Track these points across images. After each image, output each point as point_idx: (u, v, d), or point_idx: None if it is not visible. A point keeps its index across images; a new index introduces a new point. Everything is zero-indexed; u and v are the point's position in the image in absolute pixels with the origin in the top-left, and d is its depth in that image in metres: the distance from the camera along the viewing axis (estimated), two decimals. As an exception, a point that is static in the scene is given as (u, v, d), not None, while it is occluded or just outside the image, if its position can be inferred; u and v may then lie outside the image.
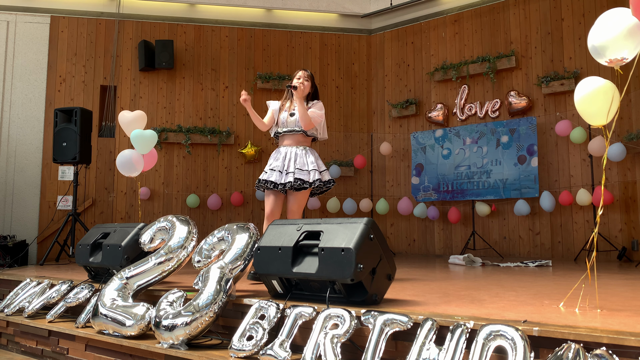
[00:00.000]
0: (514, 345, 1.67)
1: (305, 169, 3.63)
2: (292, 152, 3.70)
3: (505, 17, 7.00)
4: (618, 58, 2.18)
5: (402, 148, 7.64)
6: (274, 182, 3.61)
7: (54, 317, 3.15)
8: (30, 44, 7.05)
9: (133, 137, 4.91)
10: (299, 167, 3.63)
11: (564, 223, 6.32)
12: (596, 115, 2.40)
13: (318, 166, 3.69)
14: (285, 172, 3.63)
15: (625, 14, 2.17)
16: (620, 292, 2.91)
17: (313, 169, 3.64)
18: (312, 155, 3.72)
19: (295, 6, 7.77)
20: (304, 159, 3.67)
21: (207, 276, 2.56)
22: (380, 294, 2.41)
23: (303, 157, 3.68)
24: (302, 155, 3.69)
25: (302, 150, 3.71)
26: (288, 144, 3.74)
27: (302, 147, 3.73)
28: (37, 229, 6.71)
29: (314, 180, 3.59)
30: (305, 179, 3.59)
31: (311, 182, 3.59)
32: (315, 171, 3.63)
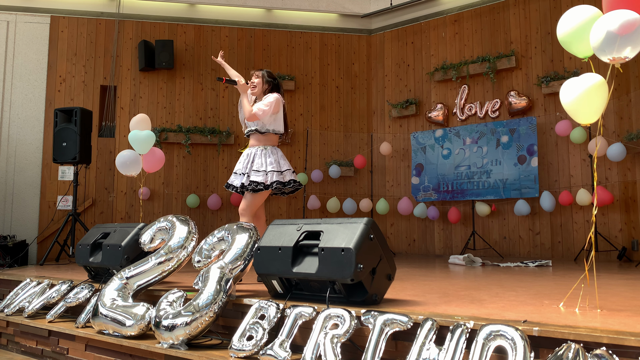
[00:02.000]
0: (514, 345, 1.67)
1: (262, 170, 3.56)
2: (252, 153, 3.65)
3: (505, 17, 7.00)
4: (621, 57, 2.20)
5: (402, 148, 7.64)
6: (235, 186, 3.64)
7: (54, 317, 3.15)
8: (30, 44, 7.05)
9: (131, 138, 4.98)
10: (255, 169, 3.57)
11: (564, 223, 6.32)
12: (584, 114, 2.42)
13: (279, 166, 3.60)
14: (243, 175, 3.61)
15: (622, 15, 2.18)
16: (620, 292, 2.91)
17: (272, 170, 3.55)
18: (273, 156, 3.62)
19: (295, 6, 7.77)
20: (262, 160, 3.59)
21: (207, 276, 2.56)
22: (380, 294, 2.42)
23: (261, 157, 3.60)
24: (260, 155, 3.61)
25: (262, 151, 3.63)
26: (252, 144, 3.71)
27: (262, 147, 3.65)
28: (37, 229, 6.71)
29: (271, 182, 3.52)
30: (260, 180, 3.52)
31: (268, 185, 3.52)
32: (274, 172, 3.55)
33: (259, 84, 3.74)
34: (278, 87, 3.79)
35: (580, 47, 2.46)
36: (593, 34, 2.26)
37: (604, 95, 2.36)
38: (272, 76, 3.80)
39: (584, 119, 2.43)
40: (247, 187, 3.55)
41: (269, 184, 3.52)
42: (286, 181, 3.58)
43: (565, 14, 2.50)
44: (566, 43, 2.50)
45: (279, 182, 3.55)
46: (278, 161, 3.62)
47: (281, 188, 3.59)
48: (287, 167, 3.65)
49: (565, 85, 2.47)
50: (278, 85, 3.80)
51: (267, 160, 3.59)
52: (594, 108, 2.38)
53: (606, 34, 2.18)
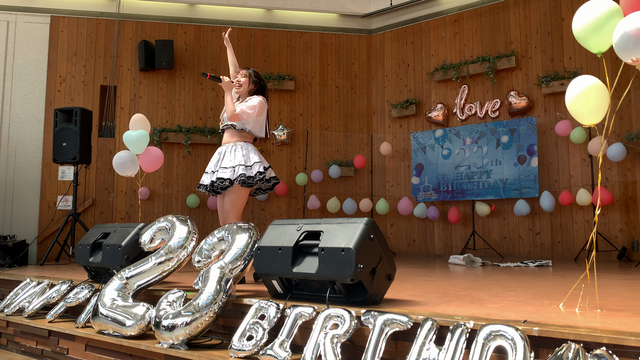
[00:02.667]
0: (514, 345, 1.67)
1: (229, 166, 3.46)
2: (223, 150, 3.58)
3: (505, 17, 7.00)
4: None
5: (402, 148, 7.64)
6: (204, 186, 3.59)
7: (54, 317, 3.15)
8: (30, 44, 7.05)
9: (124, 139, 5.01)
10: (222, 166, 3.49)
11: (564, 223, 6.32)
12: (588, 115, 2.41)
13: (249, 159, 3.49)
14: (212, 173, 3.56)
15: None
16: (620, 292, 2.91)
17: (238, 164, 3.45)
18: (243, 150, 3.51)
19: (295, 6, 7.77)
20: (231, 155, 3.51)
21: (207, 276, 2.56)
22: (380, 294, 2.42)
23: (231, 153, 3.52)
24: (230, 151, 3.54)
25: (232, 146, 3.55)
26: (225, 141, 3.64)
27: (232, 144, 3.57)
28: (37, 229, 6.71)
29: (237, 176, 3.41)
30: (226, 177, 3.43)
31: (233, 180, 3.42)
32: (240, 166, 3.44)
33: (245, 84, 3.68)
34: (264, 88, 3.73)
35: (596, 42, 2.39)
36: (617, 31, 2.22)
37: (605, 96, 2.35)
38: (259, 77, 3.73)
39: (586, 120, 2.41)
40: (214, 184, 3.49)
41: (234, 179, 3.42)
42: (253, 174, 3.43)
43: (581, 7, 2.41)
44: (581, 38, 2.42)
45: (242, 174, 3.41)
46: (248, 155, 3.50)
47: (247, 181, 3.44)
48: (257, 160, 3.51)
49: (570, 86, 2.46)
50: (264, 87, 3.74)
51: (236, 156, 3.49)
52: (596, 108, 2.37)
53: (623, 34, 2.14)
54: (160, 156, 5.21)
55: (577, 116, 2.46)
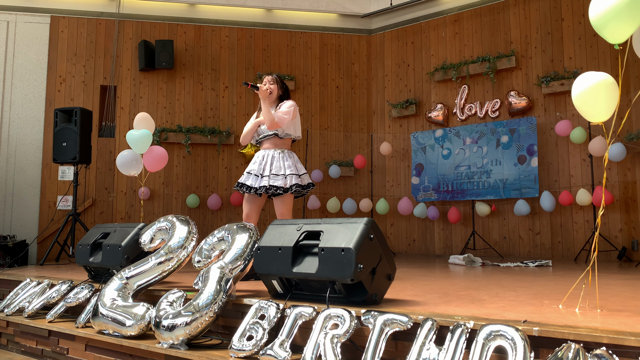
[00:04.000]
0: (514, 345, 1.67)
1: (280, 174, 3.60)
2: (269, 155, 3.69)
3: (505, 17, 7.00)
4: None
5: (402, 148, 7.64)
6: (248, 186, 3.64)
7: (54, 317, 3.15)
8: (30, 44, 7.05)
9: (127, 138, 4.99)
10: (274, 172, 3.60)
11: (564, 223, 6.32)
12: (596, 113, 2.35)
13: (297, 170, 3.67)
14: (260, 176, 3.63)
15: None
16: (620, 292, 2.91)
17: (290, 173, 3.61)
18: (290, 159, 3.69)
19: (295, 6, 7.77)
20: (280, 163, 3.64)
21: (207, 276, 2.56)
22: (380, 294, 2.42)
23: (279, 160, 3.65)
24: (278, 158, 3.66)
25: (280, 154, 3.69)
26: (266, 147, 3.75)
27: (279, 150, 3.70)
28: (37, 229, 6.71)
29: (290, 186, 3.57)
30: (279, 184, 3.56)
31: (287, 188, 3.57)
32: (292, 176, 3.61)
33: (275, 90, 3.79)
34: (289, 92, 3.89)
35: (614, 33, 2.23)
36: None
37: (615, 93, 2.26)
38: (283, 81, 3.88)
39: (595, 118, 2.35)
40: (267, 190, 3.59)
41: (287, 187, 3.57)
42: (305, 184, 3.65)
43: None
44: (599, 27, 2.27)
45: (298, 185, 3.60)
46: (295, 165, 3.68)
47: (300, 191, 3.65)
48: (304, 171, 3.73)
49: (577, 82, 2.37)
50: (288, 90, 3.89)
51: (285, 164, 3.64)
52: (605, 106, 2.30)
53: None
54: (165, 155, 5.22)
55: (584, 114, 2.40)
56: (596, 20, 2.27)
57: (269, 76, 3.85)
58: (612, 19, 2.20)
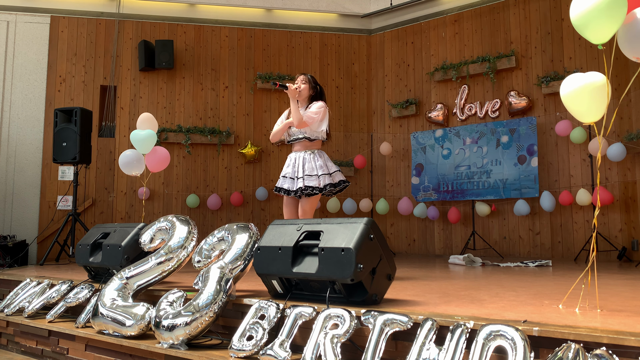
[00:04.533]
0: (514, 345, 1.67)
1: (314, 174, 3.72)
2: (300, 157, 3.81)
3: (505, 17, 7.00)
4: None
5: (402, 148, 7.64)
6: (286, 190, 3.78)
7: (54, 317, 3.15)
8: (30, 44, 7.05)
9: (132, 138, 4.97)
10: (307, 173, 3.72)
11: (564, 223, 6.32)
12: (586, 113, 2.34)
13: (328, 168, 3.77)
14: (296, 179, 3.77)
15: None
16: (620, 292, 2.91)
17: (323, 173, 3.72)
18: (321, 159, 3.79)
19: (295, 6, 7.77)
20: (312, 164, 3.75)
21: (207, 276, 2.56)
22: (380, 294, 2.41)
23: (311, 161, 3.76)
24: (309, 159, 3.77)
25: (310, 155, 3.79)
26: (297, 149, 3.88)
27: (309, 151, 3.81)
28: (37, 229, 6.71)
29: (324, 186, 3.69)
30: (314, 185, 3.68)
31: (321, 188, 3.69)
32: (325, 175, 3.72)
33: (305, 90, 3.85)
34: (322, 93, 3.94)
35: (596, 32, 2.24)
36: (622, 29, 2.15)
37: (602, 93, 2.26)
38: (316, 82, 3.94)
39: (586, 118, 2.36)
40: (303, 192, 3.69)
41: (321, 187, 3.69)
42: (336, 182, 3.74)
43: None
44: (580, 27, 2.28)
45: (330, 184, 3.71)
46: (326, 164, 3.79)
47: (332, 190, 3.75)
48: (335, 169, 3.81)
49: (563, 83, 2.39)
50: (322, 92, 3.95)
51: (317, 164, 3.76)
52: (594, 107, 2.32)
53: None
54: (167, 156, 5.22)
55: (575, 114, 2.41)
56: (577, 21, 2.27)
57: (302, 75, 3.92)
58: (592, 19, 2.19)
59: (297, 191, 3.72)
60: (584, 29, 2.27)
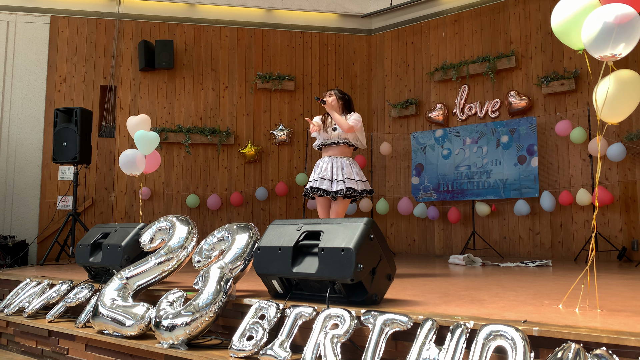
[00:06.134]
0: (514, 345, 1.67)
1: (353, 179, 3.93)
2: (338, 161, 4.00)
3: (505, 17, 7.00)
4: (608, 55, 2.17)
5: (402, 148, 7.64)
6: (325, 190, 3.93)
7: (54, 317, 3.15)
8: (30, 44, 7.05)
9: (137, 137, 4.95)
10: (347, 177, 3.91)
11: (564, 223, 6.32)
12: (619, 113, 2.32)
13: (362, 176, 4.02)
14: (335, 181, 3.92)
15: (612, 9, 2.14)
16: (620, 292, 2.91)
17: (359, 179, 3.96)
18: (356, 167, 4.03)
19: (295, 6, 7.77)
20: (350, 169, 3.97)
21: (207, 276, 2.56)
22: (380, 294, 2.41)
23: (349, 167, 3.98)
24: (347, 165, 3.99)
25: (347, 161, 4.02)
26: (332, 154, 4.05)
27: (346, 158, 4.03)
28: (37, 229, 6.71)
29: (362, 190, 3.93)
30: (355, 187, 3.91)
31: (360, 191, 3.92)
32: (361, 182, 3.96)
33: (334, 100, 4.08)
34: (351, 102, 4.17)
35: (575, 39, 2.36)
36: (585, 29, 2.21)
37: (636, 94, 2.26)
38: (343, 93, 4.17)
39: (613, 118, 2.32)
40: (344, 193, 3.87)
41: (360, 191, 3.93)
42: (369, 189, 4.00)
43: (560, 2, 2.39)
44: (560, 33, 2.41)
45: (365, 190, 3.95)
46: (360, 172, 4.04)
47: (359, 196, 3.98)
48: (366, 178, 4.06)
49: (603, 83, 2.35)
50: (350, 101, 4.18)
51: (354, 170, 3.99)
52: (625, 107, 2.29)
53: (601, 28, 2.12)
54: (159, 158, 5.26)
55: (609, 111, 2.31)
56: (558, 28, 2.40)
57: (330, 91, 4.16)
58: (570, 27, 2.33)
59: (338, 192, 3.88)
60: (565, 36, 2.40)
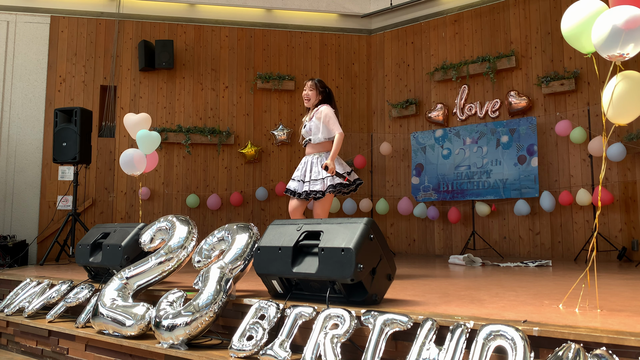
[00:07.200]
0: (514, 345, 1.67)
1: (319, 178, 3.82)
2: (309, 161, 3.94)
3: (505, 17, 7.00)
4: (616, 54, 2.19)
5: (402, 148, 7.64)
6: (292, 191, 3.93)
7: (54, 317, 3.15)
8: (30, 44, 7.05)
9: (139, 137, 4.95)
10: (313, 178, 3.85)
11: (564, 223, 6.32)
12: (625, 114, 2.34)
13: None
14: (302, 182, 3.90)
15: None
16: (620, 292, 2.91)
17: (327, 175, 3.80)
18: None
19: (295, 6, 7.77)
20: (318, 167, 3.86)
21: (207, 276, 2.56)
22: (380, 294, 2.41)
23: (317, 165, 3.87)
24: (316, 163, 3.89)
25: (317, 158, 3.91)
26: (308, 152, 4.00)
27: (317, 154, 3.92)
28: (37, 229, 6.71)
29: (327, 188, 3.78)
30: (318, 189, 3.80)
31: (324, 191, 3.79)
32: (328, 177, 3.80)
33: (313, 96, 3.99)
34: (330, 96, 4.04)
35: (585, 43, 2.41)
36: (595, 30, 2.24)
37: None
38: (324, 85, 4.03)
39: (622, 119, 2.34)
40: (309, 195, 3.83)
41: (325, 190, 3.80)
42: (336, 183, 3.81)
43: (570, 7, 2.46)
44: (570, 38, 2.46)
45: (331, 185, 3.78)
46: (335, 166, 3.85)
47: (341, 189, 3.84)
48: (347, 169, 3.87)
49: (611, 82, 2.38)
50: (330, 94, 4.05)
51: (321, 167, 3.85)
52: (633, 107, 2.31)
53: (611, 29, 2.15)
54: (157, 157, 5.27)
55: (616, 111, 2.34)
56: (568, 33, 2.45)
57: (310, 82, 4.02)
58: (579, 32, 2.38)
59: (302, 194, 3.86)
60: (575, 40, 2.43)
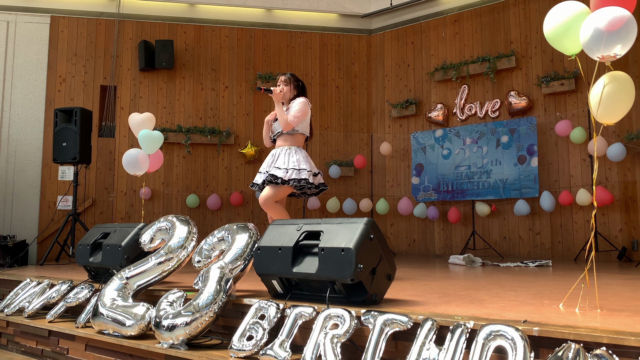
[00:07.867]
0: (514, 345, 1.67)
1: (282, 167, 3.67)
2: (277, 152, 3.80)
3: (505, 17, 7.00)
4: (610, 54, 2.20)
5: (402, 148, 7.64)
6: (256, 184, 3.80)
7: (54, 317, 3.15)
8: (30, 44, 7.05)
9: (141, 136, 4.94)
10: (276, 166, 3.70)
11: (564, 223, 6.32)
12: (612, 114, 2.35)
13: (298, 165, 3.69)
14: (265, 173, 3.75)
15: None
16: (620, 292, 2.91)
17: (292, 167, 3.66)
18: (297, 155, 3.73)
19: (295, 6, 7.77)
20: (285, 158, 3.71)
21: (207, 276, 2.56)
22: (380, 294, 2.41)
23: (285, 156, 3.73)
24: (284, 154, 3.74)
25: (287, 150, 3.77)
26: (279, 144, 3.87)
27: (287, 147, 3.78)
28: (37, 229, 6.71)
29: (288, 179, 3.61)
30: (277, 174, 3.62)
31: (285, 180, 3.61)
32: (293, 170, 3.65)
33: (287, 91, 3.88)
34: (304, 89, 3.95)
35: (567, 44, 2.42)
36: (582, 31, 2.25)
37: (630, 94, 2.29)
38: (297, 79, 3.94)
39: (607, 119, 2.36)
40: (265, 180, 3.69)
41: (286, 180, 3.61)
42: (301, 178, 3.63)
43: (551, 10, 2.46)
44: (553, 40, 2.46)
45: (295, 179, 3.62)
46: (299, 160, 3.71)
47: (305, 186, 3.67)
48: (308, 169, 3.70)
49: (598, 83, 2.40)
50: (303, 87, 3.96)
51: (290, 159, 3.70)
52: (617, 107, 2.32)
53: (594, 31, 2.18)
54: (161, 157, 5.24)
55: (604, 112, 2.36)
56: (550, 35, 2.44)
57: (283, 76, 3.93)
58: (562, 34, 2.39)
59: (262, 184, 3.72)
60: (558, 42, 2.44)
